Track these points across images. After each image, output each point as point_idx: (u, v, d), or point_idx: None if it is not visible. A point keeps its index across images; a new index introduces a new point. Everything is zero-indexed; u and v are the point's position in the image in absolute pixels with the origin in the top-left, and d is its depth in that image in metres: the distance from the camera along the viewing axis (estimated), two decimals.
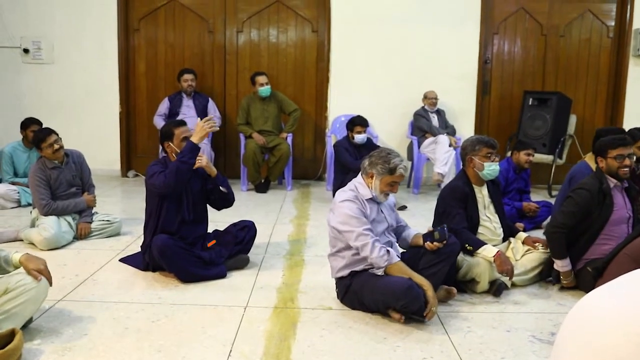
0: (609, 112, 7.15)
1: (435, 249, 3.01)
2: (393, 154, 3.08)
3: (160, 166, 3.51)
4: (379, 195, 3.05)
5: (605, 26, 7.03)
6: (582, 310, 1.69)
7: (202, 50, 6.90)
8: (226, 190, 3.71)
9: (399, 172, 3.02)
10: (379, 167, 3.02)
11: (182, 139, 3.54)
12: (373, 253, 2.87)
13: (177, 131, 3.56)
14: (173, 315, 2.93)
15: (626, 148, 3.38)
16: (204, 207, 3.76)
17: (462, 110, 6.85)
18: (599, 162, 3.43)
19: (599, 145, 3.44)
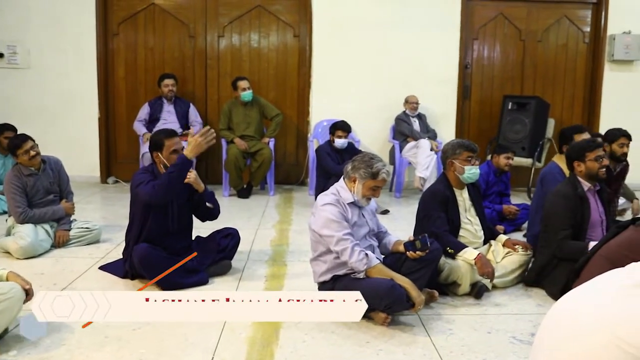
0: (586, 115, 7.26)
1: (417, 257, 3.03)
2: (376, 158, 3.09)
3: (149, 175, 3.45)
4: (361, 200, 3.06)
5: (581, 32, 7.14)
6: (560, 311, 1.71)
7: (182, 54, 6.87)
8: (212, 205, 3.68)
9: (381, 176, 3.03)
10: (361, 172, 3.03)
11: (172, 152, 3.48)
12: (352, 257, 2.88)
13: (167, 142, 3.48)
14: (154, 323, 2.88)
15: (601, 149, 3.49)
16: (190, 219, 3.72)
17: (443, 115, 6.90)
18: (577, 167, 3.48)
19: (575, 150, 3.50)
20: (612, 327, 1.48)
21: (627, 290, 1.54)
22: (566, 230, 3.35)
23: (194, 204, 3.68)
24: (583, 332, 1.55)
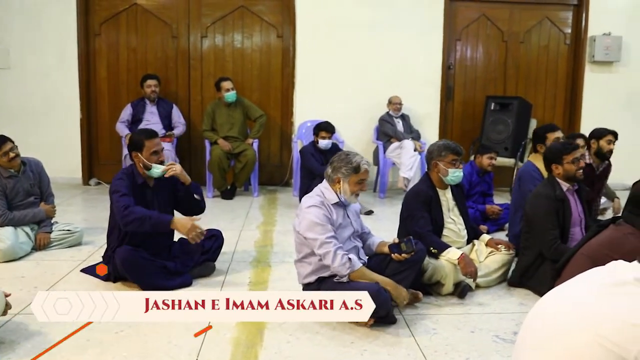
0: (567, 116, 7.34)
1: (403, 260, 3.05)
2: (352, 154, 3.11)
3: (126, 182, 3.40)
4: (350, 198, 3.06)
5: (562, 33, 7.22)
6: (543, 310, 1.72)
7: (165, 55, 6.82)
8: (199, 197, 3.66)
9: (363, 168, 3.04)
10: (343, 170, 3.03)
11: (153, 153, 3.45)
12: (335, 262, 2.88)
13: (148, 143, 3.45)
14: (137, 326, 2.86)
15: (578, 151, 3.55)
16: (171, 215, 3.70)
17: (426, 115, 6.94)
18: (555, 169, 3.52)
19: (553, 153, 3.54)
20: (594, 325, 1.49)
21: (608, 288, 1.56)
22: (554, 231, 3.38)
23: (177, 200, 3.66)
24: (566, 331, 1.56)
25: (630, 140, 6.37)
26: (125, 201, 3.31)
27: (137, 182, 3.47)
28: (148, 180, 3.53)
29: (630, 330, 1.43)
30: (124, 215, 3.28)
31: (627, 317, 1.45)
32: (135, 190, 3.45)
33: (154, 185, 3.56)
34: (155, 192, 3.56)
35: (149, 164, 3.44)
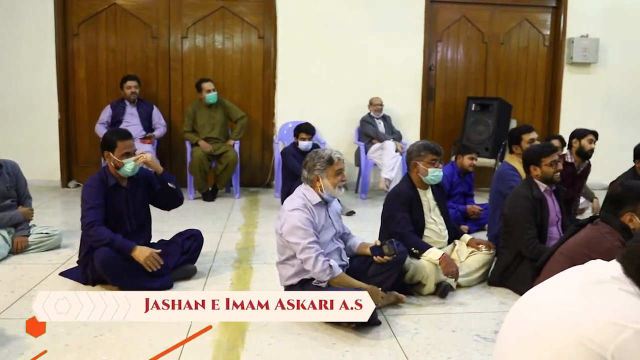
0: (547, 116, 7.43)
1: (385, 262, 3.06)
2: (320, 150, 3.14)
3: (96, 189, 3.38)
4: (334, 191, 3.06)
5: (541, 35, 7.31)
6: (522, 310, 1.74)
7: (145, 56, 6.76)
8: (174, 186, 3.64)
9: (335, 157, 3.06)
10: (317, 166, 3.04)
11: (125, 154, 3.43)
12: (316, 267, 2.88)
13: (121, 144, 3.43)
14: (117, 329, 2.83)
15: (555, 153, 3.60)
16: (147, 215, 3.69)
17: (407, 116, 6.97)
18: (533, 170, 3.57)
19: (531, 155, 3.58)
20: (573, 324, 1.51)
21: (586, 287, 1.58)
22: (532, 230, 3.42)
23: (156, 196, 3.63)
24: (545, 329, 1.58)
25: (608, 141, 6.45)
26: (92, 217, 3.30)
27: (108, 184, 3.44)
28: (121, 180, 3.50)
29: (607, 328, 1.45)
30: (88, 235, 3.31)
31: (604, 315, 1.47)
32: (107, 194, 3.42)
33: (128, 186, 3.53)
34: (129, 193, 3.53)
35: (121, 163, 3.41)
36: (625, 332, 1.42)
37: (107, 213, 3.42)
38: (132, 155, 3.45)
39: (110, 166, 3.47)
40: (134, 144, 3.53)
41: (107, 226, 3.38)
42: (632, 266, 1.56)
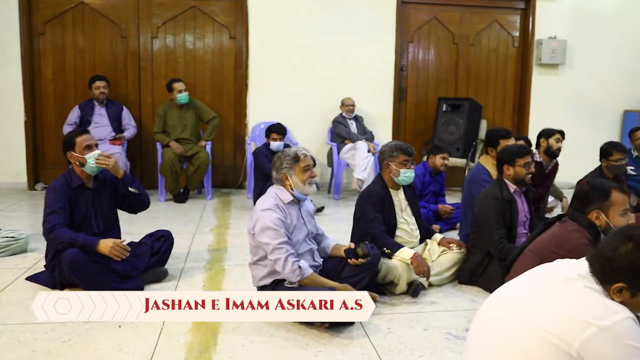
0: (516, 116, 7.55)
1: (359, 264, 3.07)
2: (286, 149, 3.14)
3: (58, 193, 3.32)
4: (304, 188, 3.06)
5: (510, 36, 7.42)
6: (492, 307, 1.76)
7: (114, 56, 6.66)
8: (137, 190, 3.59)
9: (301, 155, 3.07)
10: (284, 165, 3.05)
11: (85, 147, 3.39)
12: (285, 269, 2.88)
13: (79, 139, 3.41)
14: (86, 334, 2.78)
15: (529, 155, 3.67)
16: (114, 216, 3.64)
17: (379, 117, 7.00)
18: (506, 170, 3.61)
19: (506, 155, 3.62)
20: (540, 320, 1.53)
21: (553, 285, 1.61)
22: (501, 230, 3.47)
23: (119, 198, 3.60)
24: (513, 326, 1.60)
25: (575, 140, 6.60)
26: (53, 221, 3.26)
27: (72, 185, 3.39)
28: (87, 181, 3.45)
29: (572, 325, 1.47)
30: (49, 239, 3.27)
31: (569, 312, 1.50)
32: (72, 195, 3.37)
33: (94, 187, 3.48)
34: (95, 194, 3.48)
35: (84, 159, 3.36)
36: (590, 329, 1.44)
37: (73, 214, 3.36)
38: (94, 149, 3.42)
39: (75, 166, 3.43)
40: (92, 138, 3.50)
41: (73, 228, 3.32)
42: (597, 265, 1.59)
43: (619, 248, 1.56)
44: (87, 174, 3.44)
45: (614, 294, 1.56)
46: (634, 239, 1.56)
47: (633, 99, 7.56)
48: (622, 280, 1.54)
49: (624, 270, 1.54)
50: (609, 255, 1.57)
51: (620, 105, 7.57)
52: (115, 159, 3.49)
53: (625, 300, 1.55)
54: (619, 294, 1.55)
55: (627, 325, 1.46)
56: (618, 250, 1.56)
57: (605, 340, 1.44)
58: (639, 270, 1.53)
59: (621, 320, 1.45)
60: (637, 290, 1.54)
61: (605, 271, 1.57)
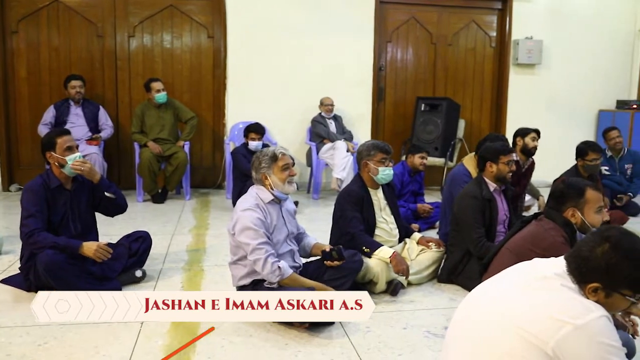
0: (494, 116, 7.62)
1: (336, 266, 3.09)
2: (264, 149, 3.13)
3: (36, 195, 3.27)
4: (284, 187, 3.05)
5: (488, 36, 7.49)
6: (470, 305, 1.77)
7: (90, 55, 6.57)
8: (113, 195, 3.55)
9: (279, 154, 3.06)
10: (263, 165, 3.04)
11: (66, 149, 3.34)
12: (265, 269, 2.87)
13: (59, 140, 3.36)
14: (62, 337, 2.75)
15: (513, 153, 3.71)
16: (92, 218, 3.60)
17: (358, 116, 7.02)
18: (489, 167, 3.63)
19: (491, 152, 3.64)
20: (517, 319, 1.55)
21: (530, 283, 1.63)
22: (480, 229, 3.50)
23: (96, 201, 3.55)
24: (491, 325, 1.61)
25: (551, 139, 6.69)
26: (32, 225, 3.21)
27: (50, 186, 3.34)
28: (65, 182, 3.40)
29: (547, 324, 1.49)
30: (29, 244, 3.22)
31: (545, 311, 1.52)
32: (50, 197, 3.32)
33: (72, 188, 3.43)
34: (73, 195, 3.43)
35: (64, 160, 3.32)
36: (565, 327, 1.46)
37: (50, 216, 3.32)
38: (75, 150, 3.38)
39: (54, 167, 3.37)
40: (73, 139, 3.45)
41: (50, 230, 3.27)
42: (574, 264, 1.62)
43: (595, 248, 1.58)
44: (65, 175, 3.39)
45: (589, 293, 1.58)
46: (611, 240, 1.57)
47: (607, 99, 7.69)
48: (598, 280, 1.56)
49: (600, 270, 1.55)
50: (586, 255, 1.59)
51: (595, 105, 7.70)
52: (90, 164, 3.45)
53: (600, 300, 1.57)
54: (594, 293, 1.57)
55: (602, 324, 1.48)
56: (595, 250, 1.57)
57: (580, 339, 1.45)
58: (614, 271, 1.54)
59: (596, 319, 1.47)
60: (612, 290, 1.56)
61: (582, 271, 1.59)
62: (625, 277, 1.54)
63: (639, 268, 1.54)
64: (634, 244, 1.57)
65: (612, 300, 1.58)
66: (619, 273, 1.54)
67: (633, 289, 1.56)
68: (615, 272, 1.54)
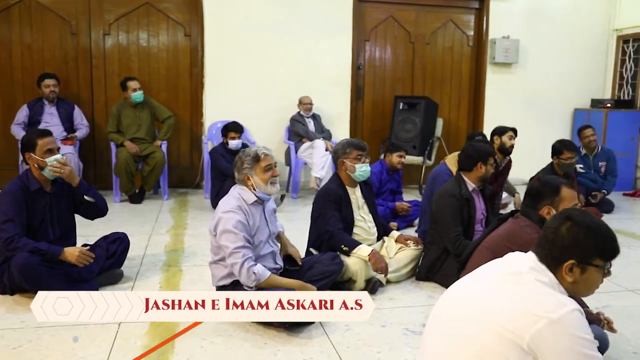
0: (471, 115, 7.69)
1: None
2: (247, 149, 3.12)
3: (14, 197, 3.19)
4: (267, 188, 3.04)
5: (465, 35, 7.55)
6: (447, 302, 1.79)
7: (64, 53, 6.46)
8: (92, 199, 3.49)
9: (262, 154, 3.05)
10: (245, 165, 3.03)
11: (47, 151, 3.28)
12: (241, 275, 2.87)
13: (40, 142, 3.29)
14: (38, 340, 2.71)
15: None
16: (72, 222, 3.54)
17: (337, 115, 7.02)
18: (479, 168, 3.64)
19: (482, 153, 3.67)
20: (493, 314, 1.57)
21: (505, 278, 1.65)
22: (458, 227, 3.52)
23: (76, 203, 3.50)
24: (467, 320, 1.63)
25: (528, 137, 6.76)
26: (11, 231, 3.14)
27: (30, 189, 3.27)
28: (45, 185, 3.34)
29: (522, 318, 1.51)
30: (9, 250, 3.14)
31: (520, 306, 1.54)
32: (29, 199, 3.26)
33: (52, 191, 3.37)
34: (53, 198, 3.37)
35: (44, 162, 3.26)
36: (541, 321, 1.48)
37: (29, 220, 3.25)
38: (55, 153, 3.32)
39: (33, 169, 3.31)
40: (55, 141, 3.39)
41: (29, 234, 3.22)
42: (543, 251, 1.66)
43: (560, 228, 1.64)
44: (45, 178, 3.33)
45: (566, 274, 1.61)
46: (572, 217, 1.65)
47: (583, 98, 7.80)
48: (571, 256, 1.61)
49: (569, 246, 1.61)
50: (552, 238, 1.64)
51: (571, 103, 7.81)
52: (71, 166, 3.38)
53: (577, 278, 1.61)
54: (571, 273, 1.61)
55: (575, 317, 1.50)
56: (560, 230, 1.64)
57: (554, 332, 1.47)
58: (583, 243, 1.61)
59: (569, 312, 1.50)
60: (586, 264, 1.61)
61: (553, 254, 1.63)
62: (594, 247, 1.61)
63: (603, 235, 1.62)
64: (592, 217, 1.67)
65: (588, 276, 1.62)
66: (587, 243, 1.61)
67: (603, 257, 1.62)
68: (584, 243, 1.60)
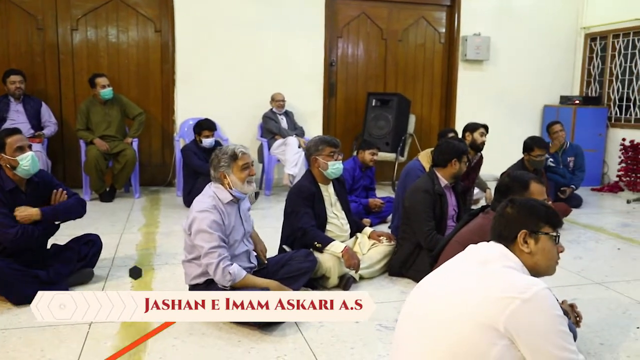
0: (444, 111, 7.76)
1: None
2: (224, 147, 3.09)
3: None
4: (243, 187, 3.01)
5: (437, 32, 7.61)
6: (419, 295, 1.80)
7: (31, 49, 6.32)
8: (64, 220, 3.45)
9: (239, 152, 3.01)
10: (222, 163, 2.99)
11: (17, 149, 3.20)
12: (216, 274, 2.85)
13: (9, 140, 3.21)
14: (5, 342, 2.66)
15: None
16: None
17: (310, 112, 7.02)
18: (454, 165, 3.68)
19: (457, 151, 3.70)
20: (466, 303, 1.60)
21: (475, 268, 1.70)
22: (431, 222, 3.55)
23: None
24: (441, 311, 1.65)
25: (499, 133, 6.86)
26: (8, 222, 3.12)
27: (5, 188, 3.20)
28: (20, 184, 3.26)
29: (497, 304, 1.55)
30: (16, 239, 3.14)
31: (492, 292, 1.58)
32: (6, 199, 3.19)
33: (28, 190, 3.30)
34: (29, 198, 3.30)
35: (15, 161, 3.18)
36: (514, 302, 1.54)
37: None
38: (26, 150, 3.24)
39: (5, 169, 3.23)
40: (24, 138, 3.33)
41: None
42: (498, 234, 1.83)
43: (505, 211, 1.86)
44: (19, 177, 3.25)
45: (522, 246, 1.76)
46: (513, 200, 1.90)
47: (552, 94, 7.94)
48: (520, 227, 1.78)
49: (517, 220, 1.81)
50: (501, 221, 1.84)
51: (540, 100, 7.94)
52: (24, 214, 3.22)
53: (533, 249, 1.76)
54: (526, 244, 1.76)
55: (546, 295, 1.59)
56: (505, 212, 1.86)
57: (528, 311, 1.54)
58: (528, 213, 1.81)
59: (540, 291, 1.58)
60: (536, 232, 1.78)
61: (506, 233, 1.80)
62: (538, 215, 1.81)
63: (544, 207, 1.85)
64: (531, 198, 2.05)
65: (542, 245, 1.77)
66: (532, 213, 1.81)
67: (550, 223, 1.81)
68: (529, 213, 1.81)
